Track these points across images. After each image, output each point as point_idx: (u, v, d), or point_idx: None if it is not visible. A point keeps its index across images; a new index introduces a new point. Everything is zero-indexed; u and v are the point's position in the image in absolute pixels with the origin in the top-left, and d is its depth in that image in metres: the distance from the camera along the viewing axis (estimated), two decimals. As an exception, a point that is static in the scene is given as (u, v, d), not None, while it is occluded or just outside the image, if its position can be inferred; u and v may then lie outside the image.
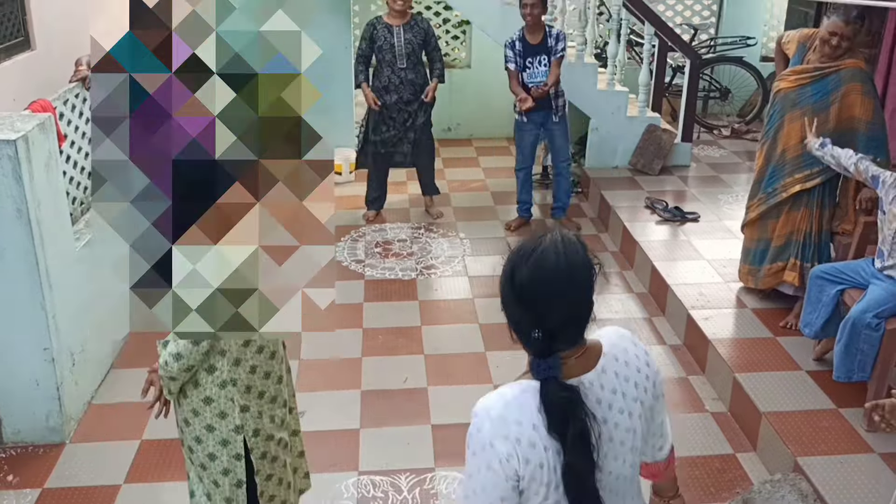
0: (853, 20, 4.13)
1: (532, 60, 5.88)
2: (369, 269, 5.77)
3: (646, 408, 1.77)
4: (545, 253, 1.67)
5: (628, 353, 1.77)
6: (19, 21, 5.14)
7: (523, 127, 6.13)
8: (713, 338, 4.47)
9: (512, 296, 1.69)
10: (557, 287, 1.66)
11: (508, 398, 1.67)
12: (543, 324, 1.66)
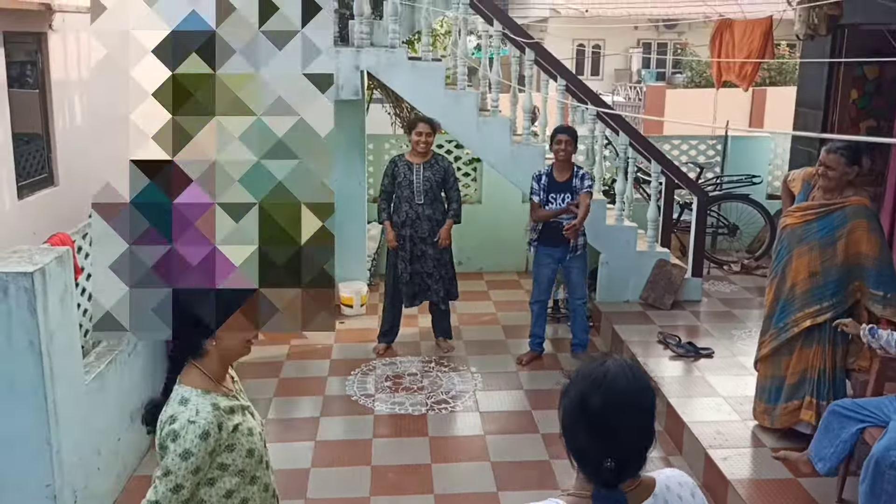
0: (835, 150, 4.27)
1: (556, 196, 6.02)
2: (379, 403, 5.69)
3: None
4: (617, 379, 1.67)
5: (684, 494, 1.75)
6: (44, 158, 5.32)
7: (541, 261, 6.20)
8: (732, 478, 4.33)
9: (583, 423, 1.66)
10: (631, 414, 1.65)
11: None
12: (616, 452, 1.63)
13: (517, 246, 8.65)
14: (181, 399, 2.30)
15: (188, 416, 2.27)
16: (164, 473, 2.27)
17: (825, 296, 4.35)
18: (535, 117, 8.05)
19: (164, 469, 2.26)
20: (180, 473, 2.26)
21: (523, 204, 8.71)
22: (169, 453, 2.25)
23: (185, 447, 2.25)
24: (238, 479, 2.43)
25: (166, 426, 2.27)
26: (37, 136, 5.20)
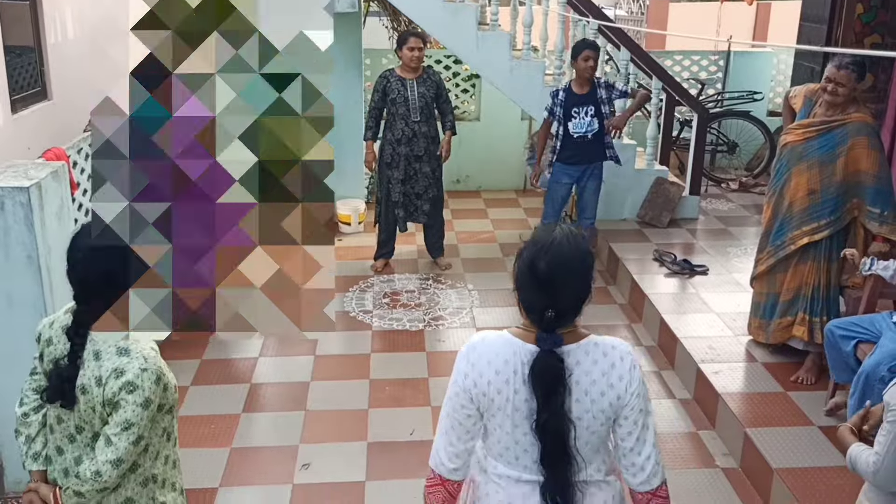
0: (845, 66, 4.17)
1: (578, 110, 5.93)
2: (377, 319, 5.76)
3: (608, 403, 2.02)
4: (561, 245, 1.99)
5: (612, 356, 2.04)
6: (37, 71, 5.23)
7: (559, 178, 6.14)
8: (723, 392, 4.42)
9: (532, 282, 1.99)
10: (571, 275, 1.98)
11: (488, 340, 2.08)
12: (556, 305, 1.97)
13: (516, 164, 8.62)
14: (119, 350, 2.21)
15: (138, 364, 2.19)
16: (124, 427, 2.17)
17: (823, 214, 4.36)
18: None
19: (124, 423, 2.17)
20: (142, 424, 2.20)
21: (522, 121, 8.64)
22: (128, 405, 2.16)
23: (146, 396, 2.18)
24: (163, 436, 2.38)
25: (113, 380, 2.16)
26: (28, 49, 5.11)
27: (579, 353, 2.02)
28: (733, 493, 3.93)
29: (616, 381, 2.03)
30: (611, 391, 2.02)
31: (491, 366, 2.03)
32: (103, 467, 2.17)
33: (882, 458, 2.18)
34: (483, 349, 2.06)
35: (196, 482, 3.98)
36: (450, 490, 2.17)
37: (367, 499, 3.87)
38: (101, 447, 2.18)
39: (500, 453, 2.11)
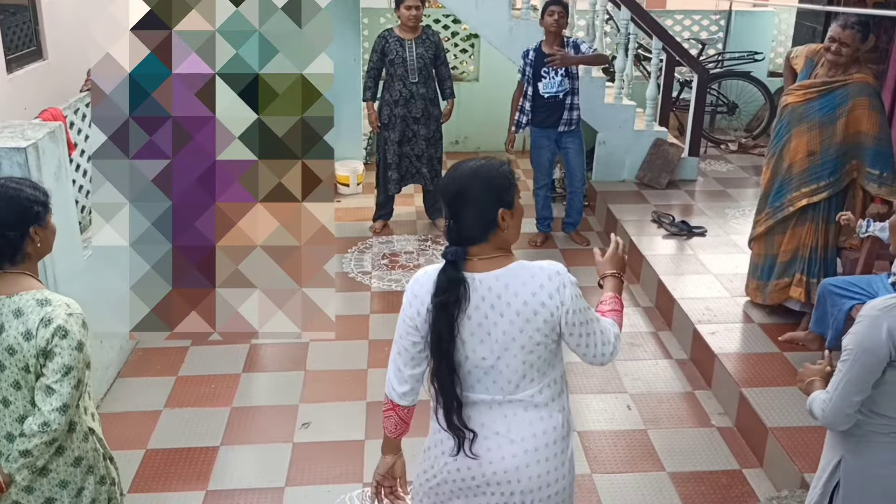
0: (850, 26, 4.13)
1: (548, 70, 5.85)
2: (376, 280, 5.78)
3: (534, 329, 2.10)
4: (465, 164, 2.14)
5: (535, 279, 2.11)
6: (32, 31, 5.18)
7: (539, 143, 6.10)
8: (719, 352, 4.46)
9: (440, 186, 2.16)
10: (463, 184, 2.08)
11: (430, 270, 2.18)
12: (455, 217, 2.09)
13: (514, 124, 8.57)
14: (39, 302, 2.20)
15: (63, 310, 2.20)
16: (64, 373, 2.17)
17: (822, 175, 4.35)
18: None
19: (62, 368, 2.16)
20: (80, 367, 2.21)
21: (521, 81, 8.58)
22: (63, 351, 2.16)
23: (78, 339, 2.19)
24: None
25: (43, 329, 2.16)
26: (22, 8, 5.05)
27: (507, 277, 2.11)
28: (728, 452, 3.98)
29: (546, 299, 2.11)
30: (543, 309, 2.10)
31: (422, 285, 2.17)
32: (50, 416, 2.15)
33: (831, 396, 2.25)
34: (424, 279, 2.18)
35: (197, 441, 4.02)
36: (400, 415, 2.33)
37: (366, 457, 3.92)
38: (43, 399, 2.16)
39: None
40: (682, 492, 3.71)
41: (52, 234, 2.36)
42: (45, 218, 2.30)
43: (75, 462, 2.33)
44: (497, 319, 2.11)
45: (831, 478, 2.40)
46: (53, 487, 2.31)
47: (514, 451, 2.18)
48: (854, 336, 2.24)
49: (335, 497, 3.67)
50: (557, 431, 2.24)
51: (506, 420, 2.19)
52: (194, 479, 3.77)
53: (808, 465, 3.55)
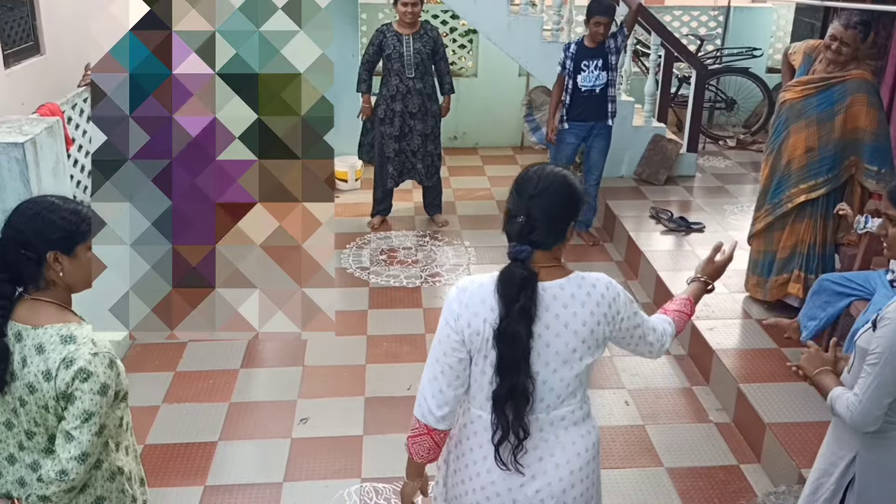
0: (853, 25, 4.13)
1: (588, 63, 5.87)
2: (374, 276, 5.78)
3: (593, 340, 2.08)
4: (550, 169, 2.08)
5: (596, 287, 2.10)
6: (29, 26, 5.17)
7: (566, 137, 6.07)
8: (718, 348, 4.46)
9: (514, 188, 2.07)
10: (549, 189, 2.02)
11: (479, 281, 2.11)
12: (528, 212, 2.01)
13: (513, 121, 8.56)
14: (63, 339, 2.02)
15: (87, 349, 2.01)
16: (84, 419, 1.99)
17: (821, 171, 4.36)
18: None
19: (82, 414, 1.99)
20: (102, 412, 2.03)
21: (520, 77, 8.57)
22: (84, 395, 1.99)
23: (102, 381, 2.01)
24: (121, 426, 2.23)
25: (63, 371, 1.98)
26: (20, 3, 5.04)
27: (572, 287, 2.08)
28: (726, 448, 3.99)
29: (594, 307, 2.08)
30: (603, 320, 2.09)
31: (485, 304, 2.05)
32: (68, 465, 1.99)
33: (860, 398, 2.24)
34: (475, 289, 2.08)
35: (195, 436, 4.03)
36: (435, 440, 2.17)
37: (364, 452, 3.93)
38: (62, 444, 2.00)
39: (477, 398, 2.13)
40: (679, 487, 3.72)
41: (83, 269, 2.09)
42: (74, 247, 2.06)
43: (96, 501, 2.17)
44: (560, 330, 2.04)
45: (845, 473, 2.38)
46: None
47: (561, 475, 2.13)
48: (882, 339, 2.22)
49: (333, 492, 3.67)
50: (595, 447, 2.21)
51: (548, 444, 2.12)
52: (193, 475, 3.78)
53: (806, 461, 3.56)
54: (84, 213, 2.09)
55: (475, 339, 2.04)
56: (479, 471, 2.14)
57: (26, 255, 2.03)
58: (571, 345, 2.06)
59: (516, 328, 1.98)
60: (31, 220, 2.04)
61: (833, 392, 2.37)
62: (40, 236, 2.03)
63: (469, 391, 2.14)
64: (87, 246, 2.07)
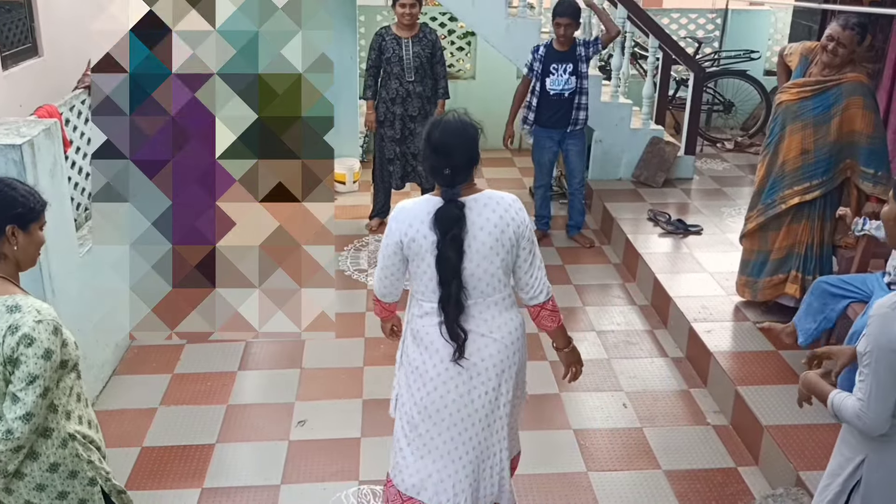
0: (850, 26, 4.14)
1: (557, 66, 5.86)
2: (372, 278, 5.78)
3: (505, 240, 2.71)
4: (448, 120, 2.71)
5: (503, 204, 2.74)
6: (27, 28, 5.17)
7: (542, 143, 6.10)
8: (715, 350, 4.46)
9: (429, 149, 2.69)
10: (458, 139, 2.67)
11: (415, 202, 2.75)
12: (451, 163, 2.65)
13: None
14: (8, 308, 2.17)
15: (32, 317, 2.16)
16: (29, 381, 2.13)
17: (816, 174, 4.36)
18: None
19: (27, 377, 2.13)
20: (46, 375, 2.16)
21: (518, 80, 8.57)
22: (29, 360, 2.12)
23: (45, 346, 2.15)
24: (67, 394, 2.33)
25: (9, 337, 2.13)
26: (18, 5, 5.04)
27: (483, 199, 2.73)
28: (724, 450, 3.99)
29: (510, 220, 2.72)
30: (508, 228, 2.71)
31: (416, 218, 2.70)
32: (14, 424, 2.12)
33: (866, 402, 2.22)
34: (408, 209, 2.74)
35: (192, 439, 4.02)
36: (384, 307, 3.07)
37: (362, 454, 3.92)
38: (9, 406, 2.14)
39: (421, 291, 2.80)
40: (677, 490, 3.72)
41: (34, 246, 2.30)
42: (30, 225, 2.26)
43: (51, 468, 2.28)
44: (477, 233, 2.68)
45: (852, 476, 2.37)
46: (31, 491, 2.29)
47: (498, 348, 2.79)
48: (869, 338, 2.21)
49: (331, 495, 3.67)
50: (522, 329, 2.88)
51: (486, 323, 2.77)
52: (190, 477, 3.77)
53: (804, 463, 3.56)
54: (39, 193, 2.29)
55: (412, 245, 2.71)
56: (437, 346, 2.79)
57: None
58: (487, 243, 2.69)
59: (450, 253, 2.65)
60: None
61: (833, 398, 2.36)
62: (1, 211, 2.18)
63: (413, 287, 2.84)
64: (39, 224, 2.28)
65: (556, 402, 4.37)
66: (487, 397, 2.82)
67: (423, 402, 2.85)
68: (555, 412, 4.29)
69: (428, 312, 2.80)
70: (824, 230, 4.47)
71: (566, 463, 3.90)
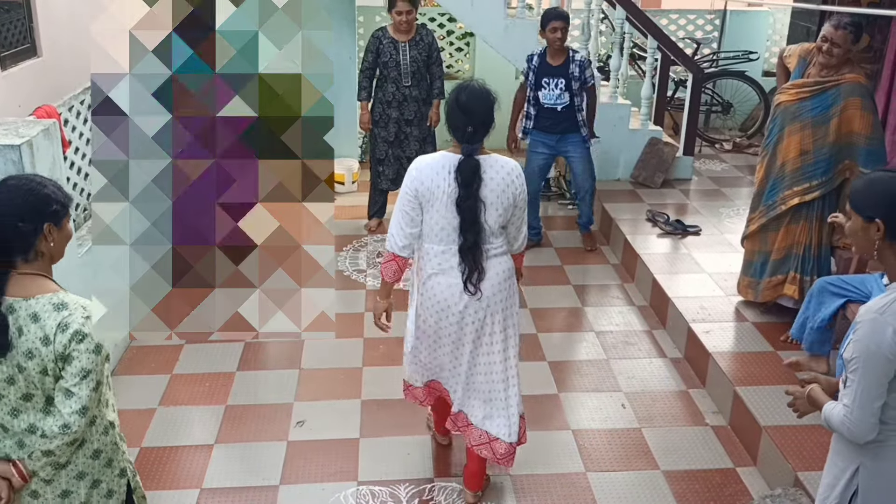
0: (843, 26, 4.15)
1: (549, 81, 5.73)
2: (371, 279, 5.78)
3: (507, 198, 3.17)
4: (474, 86, 3.16)
5: (507, 167, 3.19)
6: (26, 28, 5.16)
7: (535, 148, 5.97)
8: (714, 351, 4.47)
9: (458, 109, 3.12)
10: (480, 102, 3.13)
11: (433, 157, 3.23)
12: (472, 122, 3.10)
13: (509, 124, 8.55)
14: (55, 306, 2.21)
15: (80, 314, 2.21)
16: (83, 376, 2.19)
17: (815, 174, 4.37)
18: None
19: (81, 372, 2.19)
20: (98, 369, 2.23)
21: (516, 80, 8.57)
22: (81, 355, 2.18)
23: (96, 342, 2.21)
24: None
25: (60, 334, 2.17)
26: (16, 5, 5.03)
27: (491, 161, 3.18)
28: (722, 451, 4.00)
29: (512, 181, 3.18)
30: (509, 188, 3.17)
31: (432, 170, 3.16)
32: (70, 418, 2.19)
33: (851, 408, 2.22)
34: (426, 162, 3.20)
35: (191, 439, 4.02)
36: (399, 264, 3.30)
37: (361, 455, 3.93)
38: (63, 401, 2.19)
39: (434, 234, 3.20)
40: (676, 490, 3.72)
41: (66, 240, 2.35)
42: (62, 220, 2.29)
43: (94, 454, 2.36)
44: (486, 189, 3.12)
45: (848, 486, 2.35)
46: (71, 479, 2.34)
47: (491, 285, 3.25)
48: (858, 343, 2.20)
49: (330, 495, 3.67)
50: (511, 270, 3.35)
51: (488, 262, 3.23)
52: (189, 478, 3.77)
53: (802, 464, 3.56)
54: (63, 187, 2.33)
55: (427, 194, 3.14)
56: (440, 284, 3.26)
57: (23, 228, 2.20)
58: (491, 199, 3.14)
59: (474, 202, 3.11)
60: (27, 195, 2.22)
61: (825, 408, 2.36)
62: (37, 209, 2.21)
63: (422, 233, 3.23)
64: (68, 218, 2.32)
65: (555, 402, 4.38)
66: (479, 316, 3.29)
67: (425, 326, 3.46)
68: (553, 412, 4.29)
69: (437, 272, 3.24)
70: (822, 231, 4.47)
71: (565, 463, 3.90)
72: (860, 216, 2.26)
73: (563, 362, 4.75)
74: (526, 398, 4.40)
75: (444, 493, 3.70)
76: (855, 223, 2.29)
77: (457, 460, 3.92)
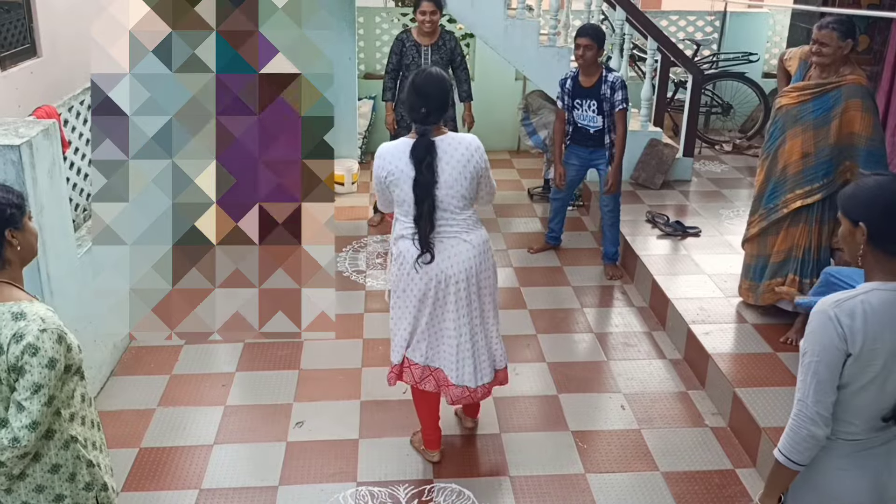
0: (826, 25, 4.16)
1: (581, 102, 5.61)
2: (370, 279, 5.78)
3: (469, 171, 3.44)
4: (430, 70, 3.43)
5: (464, 142, 3.45)
6: (26, 28, 5.16)
7: (569, 160, 5.85)
8: (713, 352, 4.47)
9: (413, 92, 3.37)
10: (435, 86, 3.38)
11: (395, 144, 3.44)
12: (427, 105, 3.34)
13: (510, 125, 8.57)
14: (14, 315, 2.16)
15: (36, 326, 2.15)
16: (34, 391, 2.13)
17: (816, 177, 4.36)
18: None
19: (32, 386, 2.13)
20: (51, 384, 2.16)
21: (516, 81, 8.59)
22: (33, 369, 2.12)
23: (49, 356, 2.14)
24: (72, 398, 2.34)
25: (14, 345, 2.12)
26: (16, 5, 5.03)
27: (448, 140, 3.41)
28: (722, 452, 4.00)
29: (470, 156, 3.44)
30: (470, 162, 3.43)
31: (394, 155, 3.40)
32: (20, 433, 2.12)
33: (804, 402, 2.25)
34: (388, 149, 3.44)
35: (190, 440, 4.02)
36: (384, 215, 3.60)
37: (360, 456, 3.92)
38: (14, 414, 2.14)
39: (399, 206, 3.46)
40: (675, 491, 3.72)
41: (33, 237, 2.31)
42: (21, 221, 2.25)
43: (52, 469, 2.29)
44: (445, 165, 3.37)
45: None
46: (30, 492, 2.28)
47: (468, 256, 3.51)
48: (810, 336, 2.22)
49: (329, 496, 3.67)
50: (487, 243, 3.63)
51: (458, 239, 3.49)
52: (188, 478, 3.77)
53: (801, 465, 3.56)
54: (10, 187, 2.27)
55: (391, 177, 3.40)
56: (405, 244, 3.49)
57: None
58: (453, 174, 3.39)
59: (426, 177, 3.34)
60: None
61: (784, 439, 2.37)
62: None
63: (396, 211, 3.51)
64: (28, 216, 2.28)
65: (555, 403, 4.37)
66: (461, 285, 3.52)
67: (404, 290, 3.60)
68: (553, 413, 4.29)
69: (403, 234, 3.50)
70: (822, 233, 4.47)
71: (564, 464, 3.90)
72: (848, 220, 2.27)
73: (563, 363, 4.75)
74: (526, 398, 4.41)
75: (443, 493, 3.70)
76: (844, 227, 2.30)
77: (456, 461, 3.92)
